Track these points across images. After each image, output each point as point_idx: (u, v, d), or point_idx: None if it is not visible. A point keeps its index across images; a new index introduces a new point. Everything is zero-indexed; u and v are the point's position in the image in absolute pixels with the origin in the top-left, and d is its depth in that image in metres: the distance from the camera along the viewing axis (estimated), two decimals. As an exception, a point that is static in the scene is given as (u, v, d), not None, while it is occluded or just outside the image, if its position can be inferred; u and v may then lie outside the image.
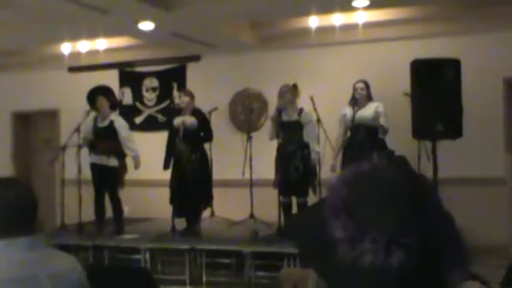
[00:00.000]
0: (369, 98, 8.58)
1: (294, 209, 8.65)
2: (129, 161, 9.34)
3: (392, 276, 1.03)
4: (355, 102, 8.49)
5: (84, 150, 9.29)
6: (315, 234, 1.11)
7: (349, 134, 8.65)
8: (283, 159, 8.53)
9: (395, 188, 1.10)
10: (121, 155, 9.20)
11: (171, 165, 9.07)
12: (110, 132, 9.15)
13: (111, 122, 9.22)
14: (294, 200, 8.65)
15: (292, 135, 8.59)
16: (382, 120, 8.36)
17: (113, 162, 9.10)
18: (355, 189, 1.10)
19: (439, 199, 1.14)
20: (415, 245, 1.03)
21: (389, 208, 1.07)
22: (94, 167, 9.19)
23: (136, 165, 9.25)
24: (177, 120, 9.07)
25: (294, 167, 8.44)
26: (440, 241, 1.07)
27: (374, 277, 1.03)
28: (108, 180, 9.14)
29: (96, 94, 9.36)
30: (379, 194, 1.09)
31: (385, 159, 1.17)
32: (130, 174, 9.46)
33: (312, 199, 8.44)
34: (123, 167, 9.27)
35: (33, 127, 13.44)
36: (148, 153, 10.05)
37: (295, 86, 8.71)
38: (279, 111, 8.63)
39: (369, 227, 1.05)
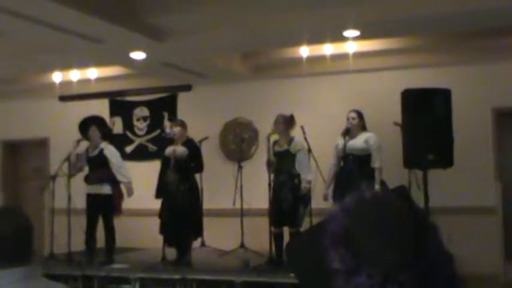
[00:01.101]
0: (362, 128, 8.59)
1: (286, 239, 8.61)
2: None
3: None
4: (347, 131, 8.50)
5: (75, 179, 9.25)
6: (314, 263, 1.10)
7: (341, 163, 8.64)
8: (274, 189, 8.52)
9: (398, 221, 1.08)
10: (114, 182, 9.18)
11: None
12: (101, 160, 9.16)
13: (101, 150, 9.23)
14: (286, 230, 8.61)
15: (282, 165, 8.59)
16: (374, 156, 8.36)
17: (107, 189, 9.09)
18: (356, 218, 1.09)
19: (439, 236, 1.13)
20: (412, 282, 1.02)
21: (389, 242, 1.05)
22: (89, 197, 9.17)
23: (129, 193, 9.23)
24: (168, 150, 9.06)
25: (284, 197, 8.43)
26: (436, 280, 1.06)
27: None
28: (103, 208, 9.11)
29: (89, 124, 9.37)
30: (381, 226, 1.07)
31: (386, 189, 1.17)
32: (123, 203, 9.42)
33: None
34: (118, 194, 9.25)
35: (22, 156, 13.39)
36: (138, 182, 10.00)
37: (291, 117, 8.72)
38: (268, 139, 8.64)
39: (367, 261, 1.04)
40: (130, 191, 9.22)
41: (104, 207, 9.12)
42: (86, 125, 9.42)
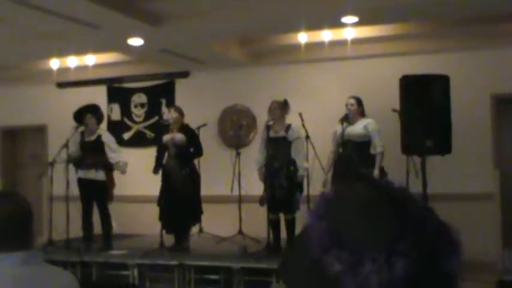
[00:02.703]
0: (361, 114, 8.58)
1: (283, 226, 8.62)
2: (116, 175, 9.34)
3: (401, 286, 1.02)
4: (346, 118, 8.50)
5: (71, 166, 9.26)
6: (313, 278, 1.10)
7: (340, 150, 8.63)
8: (269, 176, 8.51)
9: (369, 203, 1.09)
10: (108, 169, 9.21)
11: (160, 173, 9.04)
12: (98, 146, 9.20)
13: (99, 136, 9.27)
14: (282, 216, 8.63)
15: (278, 152, 8.57)
16: (375, 142, 8.38)
17: (101, 175, 9.13)
18: (333, 218, 1.09)
19: (410, 195, 1.13)
20: (411, 248, 1.03)
21: (373, 226, 1.06)
22: (81, 182, 9.20)
23: (123, 171, 9.23)
24: (166, 137, 9.06)
25: (279, 183, 8.43)
26: (432, 236, 1.07)
27: None
28: (97, 195, 9.17)
29: (84, 113, 9.41)
30: (357, 215, 1.08)
31: (344, 179, 1.17)
32: (119, 190, 9.43)
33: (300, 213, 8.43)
34: (111, 181, 9.29)
35: (20, 142, 13.38)
36: (136, 169, 10.01)
37: (285, 102, 8.71)
38: (267, 127, 8.63)
39: (364, 249, 1.03)
40: (124, 168, 9.22)
41: (98, 193, 9.17)
42: (81, 114, 9.45)
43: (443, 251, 1.07)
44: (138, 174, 10.70)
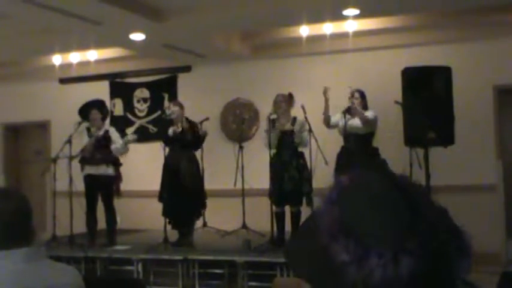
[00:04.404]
0: (364, 107, 8.57)
1: (288, 218, 8.61)
2: (123, 170, 9.37)
3: (406, 283, 1.03)
4: (348, 110, 8.49)
5: (75, 162, 9.26)
6: (319, 263, 1.10)
7: (342, 142, 8.61)
8: (277, 169, 8.49)
9: (383, 196, 1.09)
10: (117, 164, 9.23)
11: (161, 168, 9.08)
12: (106, 141, 9.19)
13: (106, 132, 9.27)
14: (287, 209, 8.62)
15: (286, 145, 8.56)
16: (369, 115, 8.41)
17: (110, 171, 9.15)
18: (345, 206, 1.09)
19: (427, 194, 1.13)
20: (420, 248, 1.03)
21: (383, 220, 1.06)
22: (90, 178, 9.18)
23: (130, 141, 9.36)
24: (172, 130, 9.04)
25: (289, 176, 8.40)
26: (443, 237, 1.07)
27: None
28: (106, 190, 9.17)
29: (89, 108, 9.40)
30: (370, 207, 1.08)
31: (363, 168, 1.17)
32: (122, 185, 9.43)
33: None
34: (119, 176, 9.30)
35: (23, 139, 13.40)
36: (139, 164, 10.02)
37: (290, 96, 8.70)
38: (272, 120, 8.62)
39: (372, 243, 1.04)
40: (131, 141, 9.35)
41: (105, 188, 9.18)
42: (87, 109, 9.44)
43: (453, 255, 1.08)
44: (141, 169, 10.72)
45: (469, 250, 1.11)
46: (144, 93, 12.06)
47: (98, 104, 9.59)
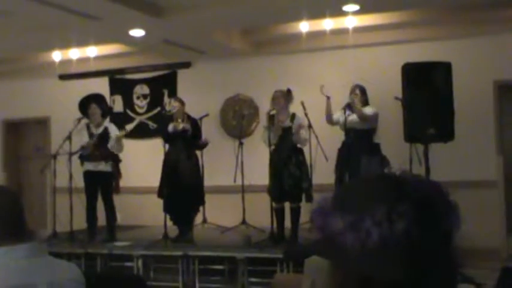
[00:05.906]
0: (364, 103, 8.57)
1: (287, 214, 8.61)
2: (122, 166, 9.37)
3: (403, 243, 1.07)
4: (348, 106, 8.49)
5: (75, 158, 9.25)
6: (319, 245, 1.16)
7: (343, 138, 8.61)
8: (276, 165, 8.48)
9: (373, 177, 1.20)
10: (116, 160, 9.23)
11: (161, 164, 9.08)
12: (105, 138, 9.16)
13: (106, 129, 9.25)
14: (286, 205, 8.61)
15: (285, 141, 8.54)
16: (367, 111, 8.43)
17: (109, 167, 9.14)
18: (339, 191, 1.18)
19: (415, 174, 1.21)
20: (411, 210, 1.09)
21: (374, 191, 1.14)
22: (89, 174, 9.18)
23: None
24: (172, 126, 9.04)
25: (289, 172, 8.39)
26: (430, 197, 1.13)
27: (386, 252, 1.07)
28: (105, 186, 9.17)
29: (89, 102, 9.37)
30: (361, 186, 1.18)
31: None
32: (122, 182, 9.44)
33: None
34: (118, 172, 9.29)
35: (23, 135, 13.40)
36: (139, 160, 10.01)
37: (289, 91, 8.67)
38: (271, 116, 8.61)
39: (365, 209, 1.10)
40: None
41: (105, 184, 9.18)
42: (86, 103, 9.42)
43: (442, 211, 1.13)
44: (141, 165, 10.72)
45: (455, 204, 1.16)
46: (144, 89, 12.05)
47: (97, 99, 9.55)
